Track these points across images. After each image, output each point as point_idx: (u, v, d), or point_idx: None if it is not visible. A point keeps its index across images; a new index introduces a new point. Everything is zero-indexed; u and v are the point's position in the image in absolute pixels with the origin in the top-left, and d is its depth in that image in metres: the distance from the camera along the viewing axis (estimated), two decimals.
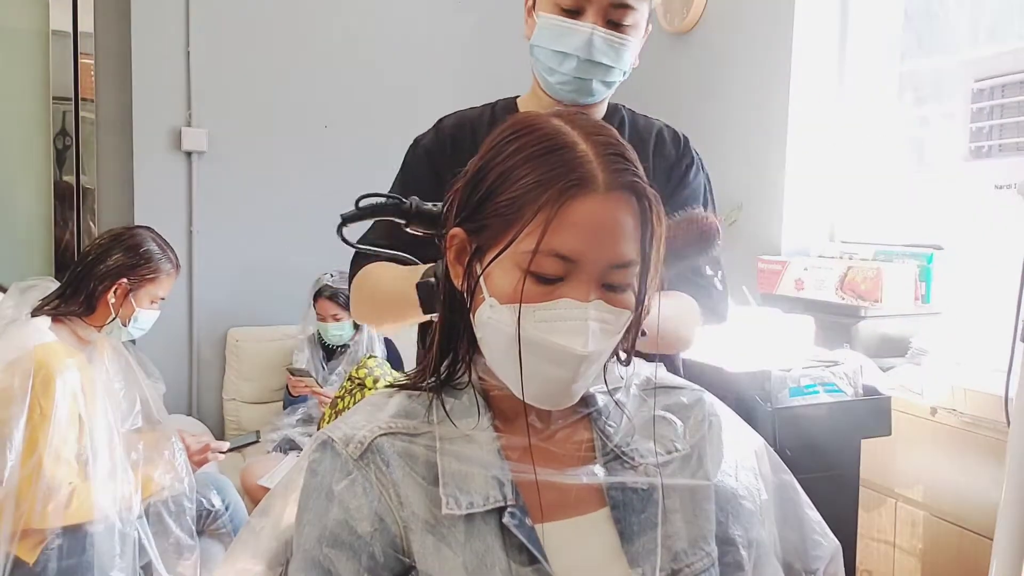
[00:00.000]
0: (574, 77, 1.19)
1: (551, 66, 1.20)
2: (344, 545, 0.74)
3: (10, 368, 1.75)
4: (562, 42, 1.17)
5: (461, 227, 0.79)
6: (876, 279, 2.22)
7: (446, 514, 0.74)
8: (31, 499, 1.73)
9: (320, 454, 0.79)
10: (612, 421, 0.84)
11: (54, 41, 3.15)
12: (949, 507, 1.90)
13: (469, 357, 0.82)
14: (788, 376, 1.75)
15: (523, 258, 0.73)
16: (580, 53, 1.17)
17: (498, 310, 0.75)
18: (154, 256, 1.96)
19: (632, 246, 0.75)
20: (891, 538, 2.05)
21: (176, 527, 1.90)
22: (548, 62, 1.20)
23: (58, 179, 3.21)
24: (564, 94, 1.22)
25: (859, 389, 1.82)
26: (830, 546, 0.93)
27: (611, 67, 1.19)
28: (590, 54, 1.17)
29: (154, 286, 1.97)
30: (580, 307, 0.73)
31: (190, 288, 3.25)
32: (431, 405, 0.81)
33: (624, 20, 1.17)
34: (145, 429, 1.97)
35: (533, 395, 0.76)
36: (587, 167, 0.73)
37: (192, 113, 3.20)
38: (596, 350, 0.74)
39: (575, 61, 1.17)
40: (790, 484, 0.93)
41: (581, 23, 1.16)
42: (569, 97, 1.23)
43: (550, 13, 1.18)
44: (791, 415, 1.72)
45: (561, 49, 1.17)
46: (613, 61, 1.19)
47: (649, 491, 0.81)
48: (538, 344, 0.73)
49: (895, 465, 2.02)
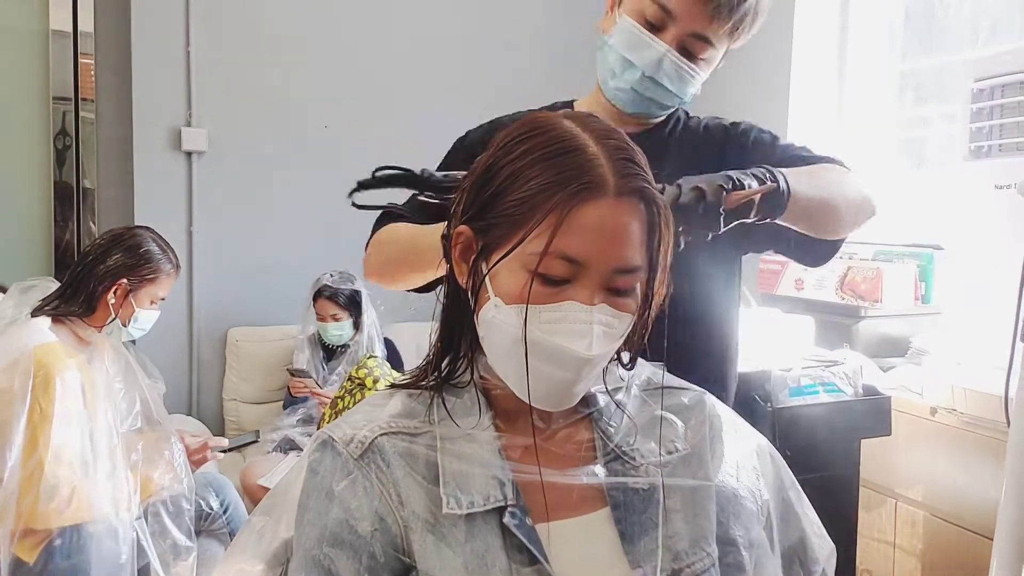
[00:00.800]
0: (631, 88, 1.17)
1: (615, 70, 1.18)
2: (344, 545, 0.74)
3: (10, 368, 1.75)
4: (634, 52, 1.15)
5: (468, 225, 0.79)
6: (876, 279, 2.22)
7: (446, 513, 0.74)
8: (31, 499, 1.73)
9: (320, 454, 0.79)
10: (613, 421, 0.84)
11: (54, 41, 3.14)
12: (949, 507, 1.90)
13: (471, 355, 0.83)
14: (788, 376, 1.75)
15: (530, 259, 0.73)
16: (647, 69, 1.15)
17: (503, 310, 0.75)
18: (154, 256, 1.96)
19: (639, 252, 0.75)
20: (891, 538, 2.05)
21: (174, 528, 1.90)
22: (614, 65, 1.18)
23: (58, 179, 3.20)
24: (618, 101, 1.21)
25: (859, 389, 1.82)
26: (826, 548, 0.93)
27: (671, 92, 1.18)
28: (655, 73, 1.15)
29: (154, 286, 1.97)
30: (585, 310, 0.73)
31: (190, 288, 3.24)
32: (432, 404, 0.81)
33: (700, 53, 1.15)
34: (145, 430, 1.97)
35: (535, 396, 0.76)
36: (598, 171, 0.73)
37: (192, 113, 3.19)
38: (599, 353, 0.74)
39: (639, 74, 1.16)
40: (790, 484, 0.93)
41: (658, 41, 1.14)
42: (622, 106, 1.21)
43: (633, 19, 1.16)
44: (791, 415, 1.72)
45: (631, 58, 1.16)
46: (676, 88, 1.17)
47: (650, 491, 0.81)
48: (542, 345, 0.73)
49: (895, 465, 2.02)
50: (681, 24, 1.13)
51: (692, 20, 1.12)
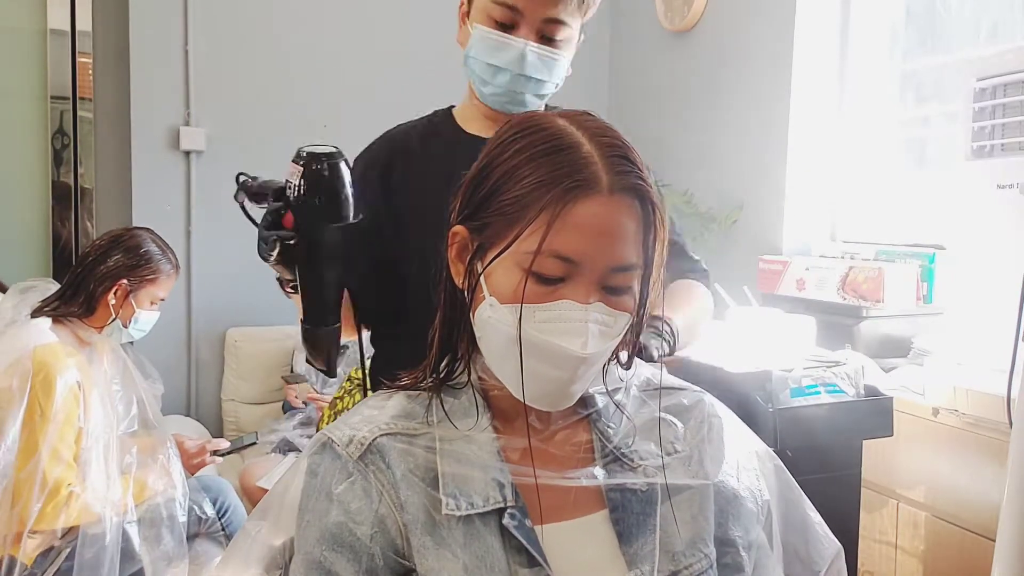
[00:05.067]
0: (507, 90, 1.19)
1: (484, 78, 1.20)
2: (344, 547, 0.74)
3: (10, 369, 1.75)
4: (496, 56, 1.17)
5: (463, 225, 0.78)
6: (878, 279, 2.21)
7: (446, 515, 0.74)
8: (29, 500, 1.73)
9: (320, 455, 0.79)
10: (612, 422, 0.84)
11: (52, 40, 3.14)
12: (951, 508, 1.90)
13: (468, 356, 0.82)
14: (789, 376, 1.74)
15: (524, 258, 0.73)
16: (513, 68, 1.17)
17: (498, 310, 0.75)
18: (154, 257, 1.96)
19: (634, 250, 0.74)
20: (893, 539, 2.04)
21: (167, 535, 1.89)
22: (482, 74, 1.20)
23: (56, 179, 3.20)
24: (497, 105, 1.23)
25: (860, 389, 1.81)
26: (832, 548, 0.93)
27: (544, 81, 1.20)
28: (523, 69, 1.17)
29: (154, 287, 1.97)
30: (580, 309, 0.73)
31: (189, 288, 3.24)
32: (430, 405, 0.81)
33: (557, 35, 1.18)
34: (140, 433, 1.97)
35: (532, 396, 0.76)
36: (592, 168, 0.72)
37: (190, 112, 3.19)
38: (595, 352, 0.73)
39: (508, 75, 1.18)
40: (791, 486, 0.92)
41: (514, 38, 1.16)
42: (502, 108, 1.23)
43: (484, 24, 1.18)
44: (792, 416, 1.71)
45: (494, 63, 1.18)
46: (546, 76, 1.19)
47: (648, 493, 0.81)
48: (537, 345, 0.73)
49: (897, 466, 2.02)
50: (530, 15, 1.15)
51: (540, 8, 1.15)
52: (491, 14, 1.16)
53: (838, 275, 2.31)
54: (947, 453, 1.90)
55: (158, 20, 3.13)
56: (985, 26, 2.30)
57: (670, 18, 3.14)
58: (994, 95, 1.78)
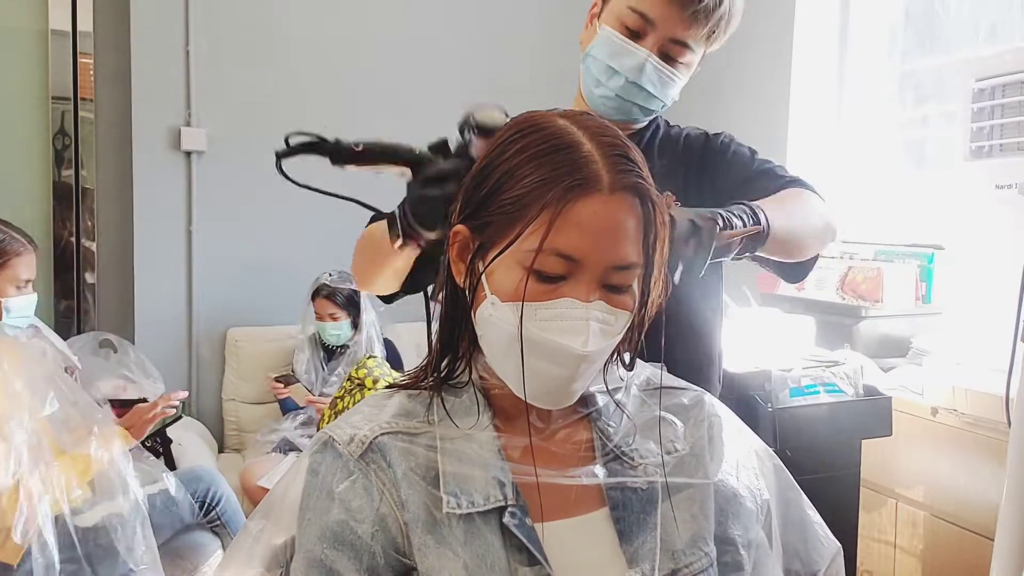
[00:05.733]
0: (616, 95, 1.20)
1: (599, 79, 1.21)
2: (346, 545, 0.74)
3: None
4: (616, 59, 1.18)
5: (464, 224, 0.79)
6: (877, 279, 2.22)
7: (446, 513, 0.74)
8: None
9: (321, 454, 0.79)
10: (612, 421, 0.84)
11: (53, 40, 3.14)
12: (950, 507, 1.90)
13: (470, 355, 0.82)
14: (789, 376, 1.74)
15: (526, 256, 0.73)
16: (629, 75, 1.18)
17: (499, 308, 0.75)
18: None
19: (634, 248, 0.74)
20: (891, 538, 2.04)
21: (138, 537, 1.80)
22: (598, 75, 1.21)
23: (57, 179, 3.20)
24: (604, 109, 1.23)
25: (860, 389, 1.82)
26: (831, 547, 0.93)
27: (654, 96, 1.21)
28: (638, 78, 1.18)
29: (11, 270, 1.87)
30: (581, 307, 0.73)
31: (189, 288, 3.24)
32: (431, 404, 0.81)
33: (680, 57, 1.19)
34: (70, 413, 1.84)
35: (532, 394, 0.76)
36: (592, 167, 0.73)
37: (191, 113, 3.19)
38: (596, 350, 0.73)
39: (622, 80, 1.18)
40: (791, 485, 0.93)
41: (639, 47, 1.17)
42: (607, 113, 1.22)
43: (613, 28, 1.19)
44: (792, 415, 1.72)
45: (613, 65, 1.19)
46: (658, 91, 1.20)
47: (648, 491, 0.81)
48: (538, 343, 0.73)
49: (896, 465, 2.02)
50: (660, 30, 1.16)
51: (671, 26, 1.16)
52: (623, 19, 1.17)
53: (837, 275, 2.32)
54: (946, 453, 1.90)
55: (159, 21, 3.13)
56: (984, 27, 2.31)
57: None
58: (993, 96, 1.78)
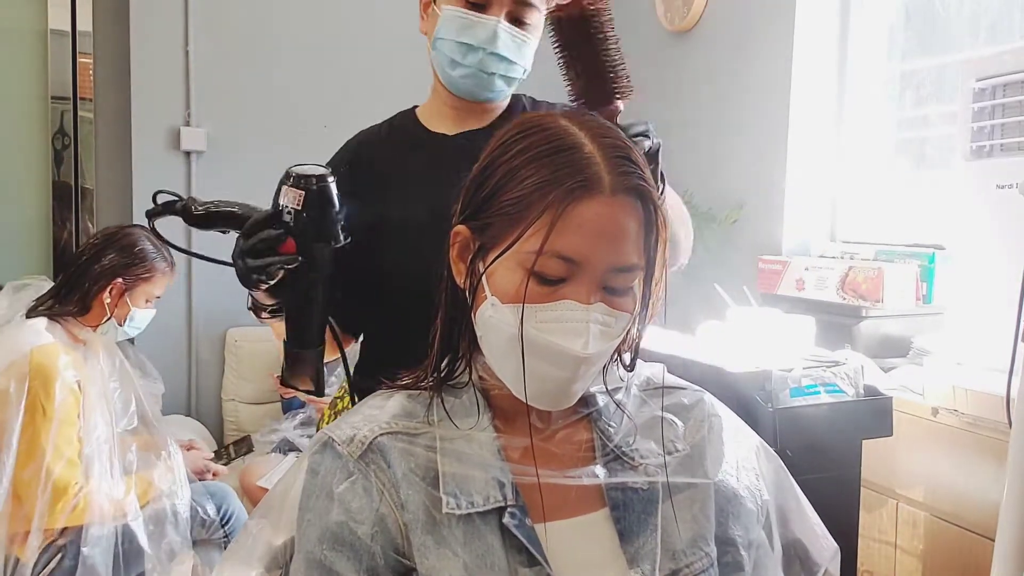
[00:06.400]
0: (478, 70, 1.19)
1: (454, 59, 1.20)
2: (345, 546, 0.74)
3: (7, 371, 1.75)
4: (467, 34, 1.17)
5: (465, 225, 0.79)
6: (877, 279, 2.22)
7: (446, 514, 0.74)
8: (34, 500, 1.73)
9: (321, 454, 0.79)
10: (612, 422, 0.84)
11: (52, 40, 3.14)
12: (950, 508, 1.90)
13: (470, 356, 0.82)
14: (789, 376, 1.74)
15: (526, 258, 0.73)
16: (486, 45, 1.17)
17: (500, 309, 0.75)
18: (149, 255, 1.95)
19: (635, 250, 0.74)
20: (892, 539, 2.04)
21: (172, 531, 1.89)
22: (451, 54, 1.20)
23: (56, 179, 3.20)
24: (465, 88, 1.22)
25: (860, 389, 1.81)
26: (829, 548, 0.93)
27: (514, 63, 1.20)
28: (495, 46, 1.17)
29: (150, 285, 1.96)
30: (582, 309, 0.73)
31: (189, 288, 3.24)
32: (431, 405, 0.81)
33: (527, 19, 1.18)
34: (140, 430, 1.96)
35: (532, 395, 0.76)
36: (593, 169, 0.73)
37: (191, 113, 3.19)
38: (596, 352, 0.73)
39: (480, 53, 1.17)
40: (789, 485, 0.93)
41: (487, 16, 1.17)
42: (469, 92, 1.22)
43: (455, 6, 1.18)
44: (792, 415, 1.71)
45: (466, 41, 1.17)
46: (516, 57, 1.19)
47: (649, 491, 0.81)
48: (539, 344, 0.73)
49: (896, 466, 2.02)
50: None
51: None
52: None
53: (838, 275, 2.32)
54: (946, 453, 1.90)
55: (159, 20, 3.13)
56: (984, 26, 2.30)
57: (670, 18, 3.14)
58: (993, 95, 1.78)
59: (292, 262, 0.98)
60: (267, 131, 3.28)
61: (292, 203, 0.94)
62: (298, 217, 0.94)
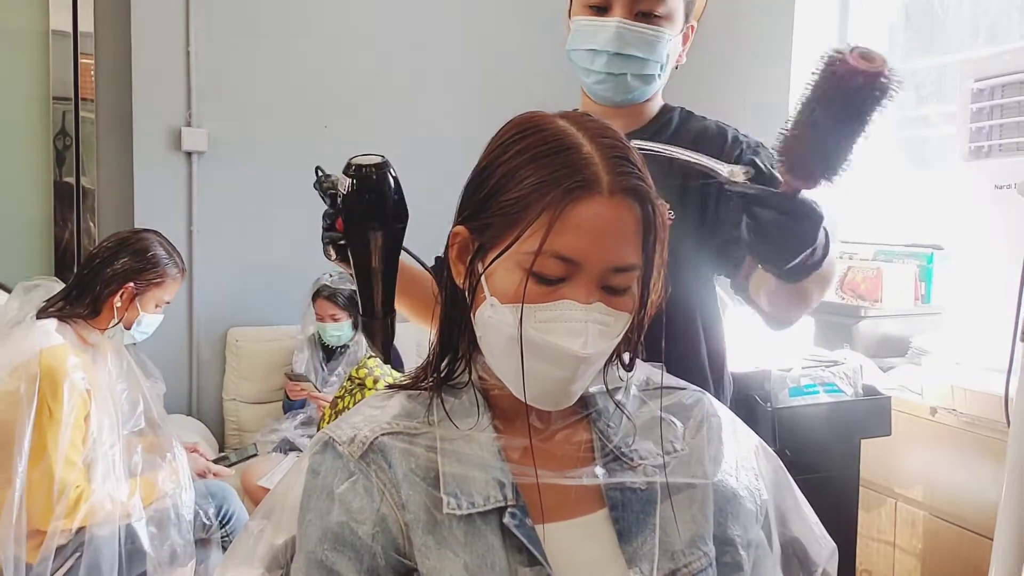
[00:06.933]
0: (607, 73, 1.18)
1: (585, 66, 1.20)
2: (346, 546, 0.74)
3: (17, 371, 1.75)
4: (592, 40, 1.17)
5: (464, 225, 0.79)
6: (876, 279, 2.22)
7: (447, 514, 0.74)
8: (39, 501, 1.73)
9: (321, 454, 0.79)
10: (611, 422, 0.84)
11: (54, 41, 3.14)
12: (949, 507, 1.90)
13: (469, 356, 0.83)
14: (788, 376, 1.75)
15: (525, 258, 0.73)
16: (609, 47, 1.16)
17: (499, 310, 0.75)
18: (161, 261, 1.95)
19: (634, 250, 0.75)
20: (891, 538, 2.04)
21: (175, 534, 1.89)
22: (582, 62, 1.20)
23: (58, 179, 3.20)
24: (601, 93, 1.21)
25: (859, 389, 1.82)
26: (827, 547, 0.93)
27: (644, 59, 1.18)
28: (619, 47, 1.16)
29: (160, 291, 1.96)
30: (581, 309, 0.73)
31: (190, 288, 3.24)
32: (431, 405, 0.81)
33: (655, 10, 1.16)
34: (146, 432, 1.97)
35: (532, 395, 0.76)
36: (592, 169, 0.73)
37: (192, 113, 3.19)
38: (595, 352, 0.74)
39: (605, 56, 1.17)
40: (788, 485, 0.93)
41: (606, 19, 1.16)
42: (607, 96, 1.21)
43: (580, 15, 1.18)
44: (791, 415, 1.72)
45: (592, 47, 1.17)
46: (645, 53, 1.17)
47: (648, 492, 0.81)
48: (538, 344, 0.73)
49: (895, 465, 2.02)
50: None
51: None
52: (586, 2, 1.17)
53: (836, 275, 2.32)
54: (945, 452, 1.91)
55: (160, 21, 3.13)
56: (983, 27, 2.31)
57: None
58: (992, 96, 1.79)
59: (338, 239, 1.04)
60: (268, 131, 3.28)
61: (342, 188, 1.01)
62: (345, 200, 1.01)
